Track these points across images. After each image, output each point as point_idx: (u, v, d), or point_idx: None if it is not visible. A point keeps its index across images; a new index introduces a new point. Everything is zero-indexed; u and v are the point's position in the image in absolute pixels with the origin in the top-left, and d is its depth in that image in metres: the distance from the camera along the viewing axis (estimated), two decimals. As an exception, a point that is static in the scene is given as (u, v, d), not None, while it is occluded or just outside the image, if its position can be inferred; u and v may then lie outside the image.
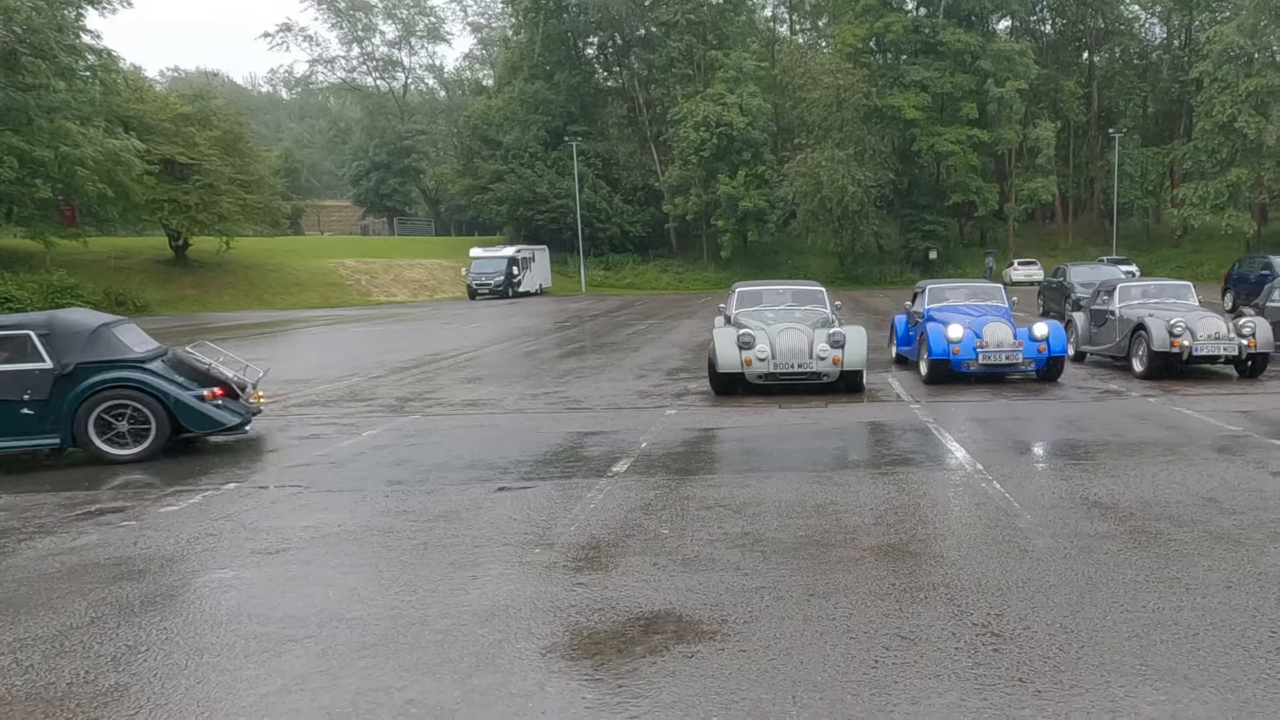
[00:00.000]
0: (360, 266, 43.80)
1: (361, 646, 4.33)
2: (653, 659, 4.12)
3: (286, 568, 5.49)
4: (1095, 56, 60.33)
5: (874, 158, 49.43)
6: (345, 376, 14.71)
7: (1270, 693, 3.68)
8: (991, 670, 3.94)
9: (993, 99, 48.78)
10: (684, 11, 52.63)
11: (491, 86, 67.04)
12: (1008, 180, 53.68)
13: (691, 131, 49.11)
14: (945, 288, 14.65)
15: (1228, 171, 45.35)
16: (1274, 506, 6.29)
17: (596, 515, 6.44)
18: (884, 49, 54.50)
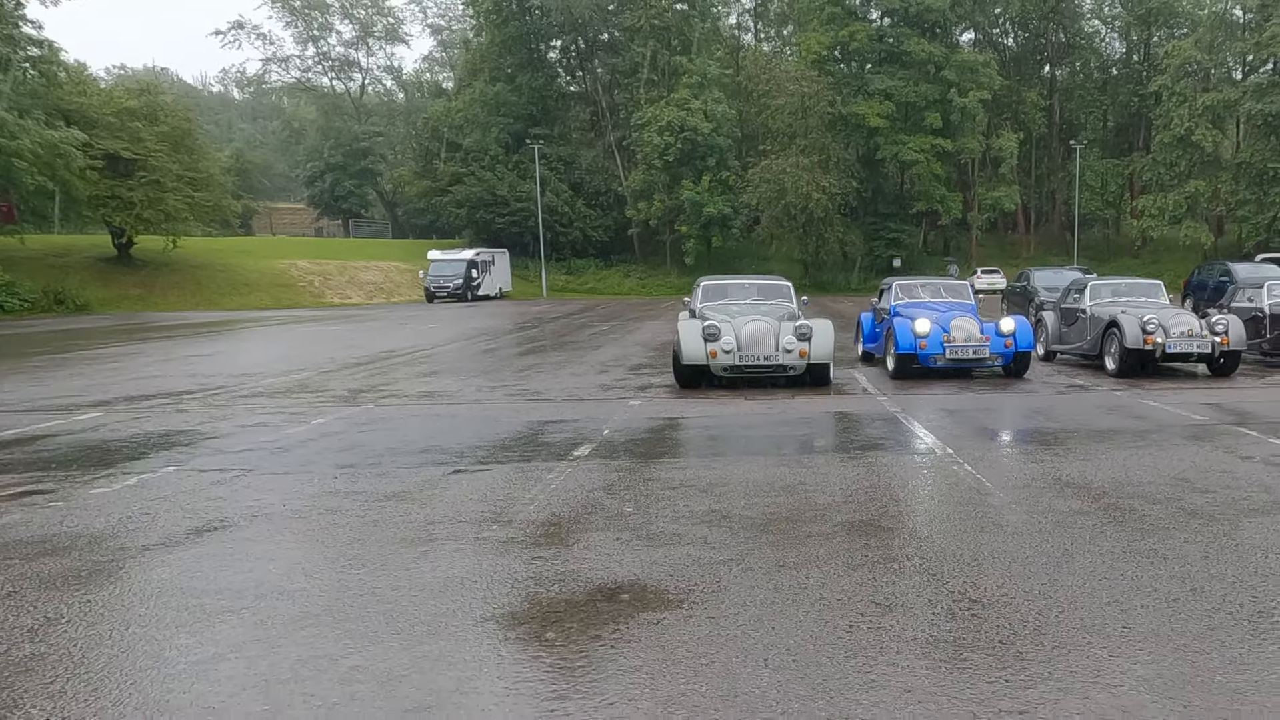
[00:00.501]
0: (314, 268, 43.08)
1: (303, 616, 4.09)
2: (615, 626, 3.95)
3: (225, 545, 5.22)
4: (1057, 70, 61.73)
5: (838, 165, 49.95)
6: (295, 371, 14.33)
7: (1255, 650, 3.62)
8: (972, 633, 3.83)
9: (956, 109, 49.59)
10: (648, 17, 52.84)
11: (452, 89, 66.68)
12: (971, 189, 54.57)
13: (655, 136, 49.23)
14: (912, 284, 14.72)
15: (1186, 184, 46.57)
16: (1246, 486, 6.31)
17: (557, 495, 6.25)
18: (849, 57, 55.20)
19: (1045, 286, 22.66)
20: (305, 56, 69.13)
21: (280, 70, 70.64)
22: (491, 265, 44.59)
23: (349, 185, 66.62)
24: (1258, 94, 45.22)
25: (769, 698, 3.27)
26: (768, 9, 68.32)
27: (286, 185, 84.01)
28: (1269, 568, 4.61)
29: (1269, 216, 44.29)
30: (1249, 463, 7.05)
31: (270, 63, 70.24)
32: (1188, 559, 4.76)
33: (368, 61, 72.96)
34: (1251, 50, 47.14)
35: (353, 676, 3.48)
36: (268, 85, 75.97)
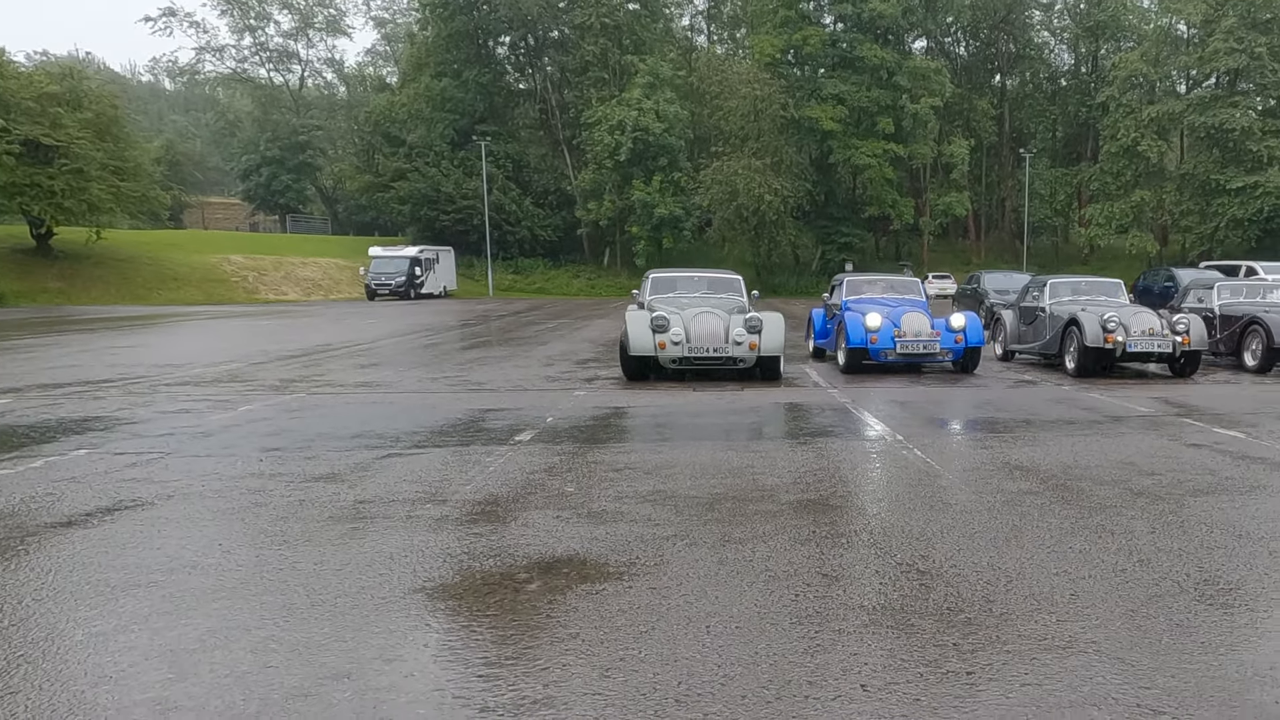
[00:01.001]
0: (248, 263, 42.07)
1: (216, 590, 3.91)
2: (552, 597, 3.84)
3: (136, 523, 4.98)
4: (1007, 79, 63.25)
5: (791, 168, 50.45)
6: (224, 363, 13.91)
7: (1200, 615, 3.65)
8: (920, 601, 3.80)
9: (908, 115, 50.46)
10: (599, 15, 52.80)
11: (395, 83, 65.82)
12: (923, 195, 55.56)
13: (606, 135, 49.17)
14: (863, 280, 14.85)
15: (1132, 194, 48.01)
16: (1190, 469, 6.44)
17: (496, 477, 6.11)
18: (802, 61, 55.84)
19: (995, 289, 23.11)
20: (241, 47, 67.56)
21: (214, 60, 68.91)
22: (436, 263, 44.04)
23: (286, 180, 65.24)
24: (1201, 107, 46.84)
25: (710, 662, 3.20)
26: (720, 11, 68.82)
27: (220, 179, 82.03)
28: (1213, 541, 4.68)
29: (1211, 227, 45.85)
30: (1194, 449, 7.20)
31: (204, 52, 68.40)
32: (1135, 534, 4.81)
33: (307, 53, 71.57)
34: (1195, 65, 48.83)
35: (266, 646, 3.32)
36: (201, 76, 73.98)
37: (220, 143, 79.10)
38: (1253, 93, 46.33)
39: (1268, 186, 42.95)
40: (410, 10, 68.46)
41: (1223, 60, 45.23)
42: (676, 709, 2.86)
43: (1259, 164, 44.13)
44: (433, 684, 3.04)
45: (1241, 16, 45.13)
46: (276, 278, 41.82)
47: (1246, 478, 6.15)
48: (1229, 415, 8.92)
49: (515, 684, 3.03)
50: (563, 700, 2.92)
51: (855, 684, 3.04)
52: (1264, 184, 43.11)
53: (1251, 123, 44.30)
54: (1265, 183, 43.06)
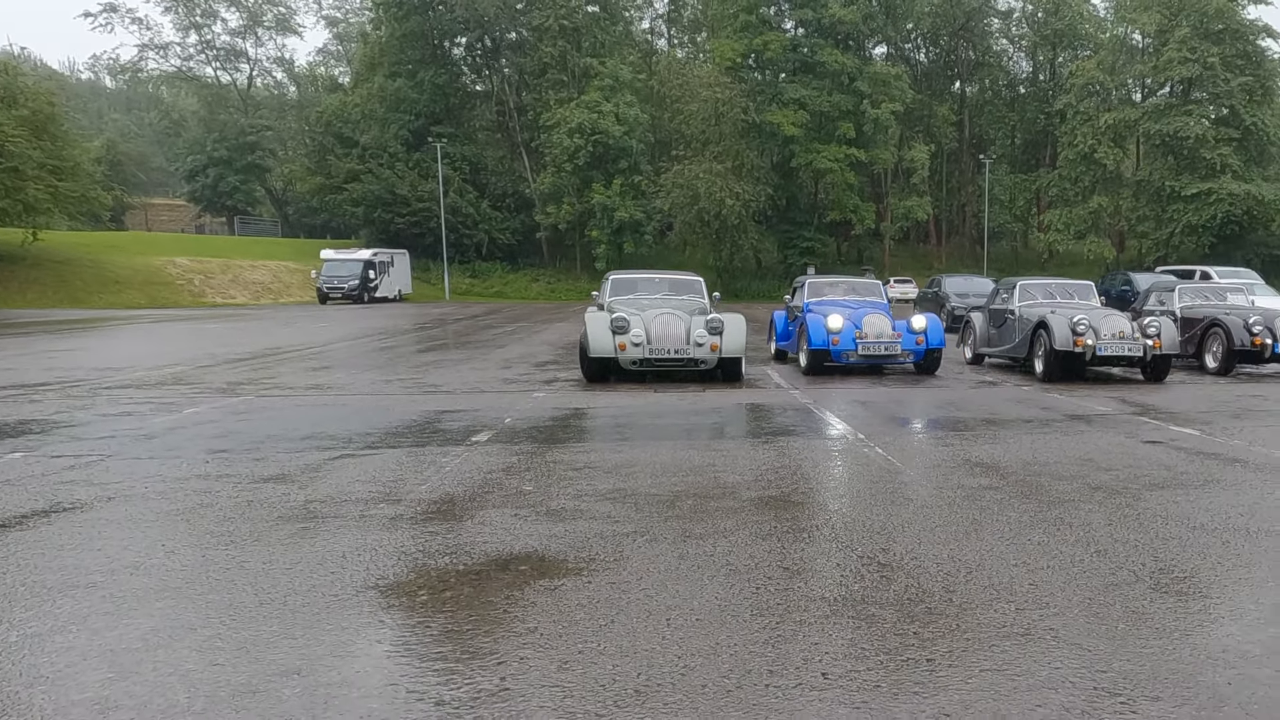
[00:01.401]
0: (194, 266, 41.28)
1: (160, 590, 3.83)
2: (510, 593, 3.83)
3: (75, 525, 4.86)
4: (967, 86, 64.37)
5: (752, 172, 50.81)
6: (169, 366, 13.64)
7: (1156, 602, 3.74)
8: (881, 592, 3.85)
9: (869, 120, 51.10)
10: (557, 17, 52.75)
11: (348, 83, 65.10)
12: (884, 200, 56.29)
13: (565, 138, 49.12)
14: (824, 282, 15.00)
15: (1089, 200, 49.09)
16: (1147, 465, 6.59)
17: (452, 476, 6.07)
18: (763, 66, 56.31)
19: (956, 293, 23.52)
20: (186, 44, 66.27)
21: (158, 58, 67.54)
22: (390, 266, 43.61)
23: (234, 181, 64.13)
24: (1156, 115, 48.09)
25: (670, 653, 3.20)
26: (681, 15, 69.12)
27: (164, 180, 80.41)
28: (1169, 533, 4.79)
29: (1167, 232, 47.04)
30: (1151, 446, 7.37)
31: (147, 50, 67.01)
32: (1093, 526, 4.92)
33: (256, 52, 70.47)
34: (1150, 73, 50.12)
35: (212, 645, 3.26)
36: (144, 74, 72.48)
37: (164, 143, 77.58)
38: (1205, 101, 47.67)
39: (1220, 193, 44.20)
40: (363, 9, 67.84)
41: (1176, 69, 46.49)
42: (636, 700, 2.86)
43: (1212, 171, 45.40)
44: (386, 679, 3.01)
45: (1194, 27, 46.45)
46: (224, 281, 41.11)
47: (1201, 472, 6.32)
48: (1185, 414, 9.15)
49: (472, 677, 3.01)
50: (520, 692, 2.91)
51: (816, 672, 3.06)
52: (1217, 191, 44.36)
53: (1205, 131, 45.58)
54: (1218, 189, 44.31)
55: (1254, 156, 46.86)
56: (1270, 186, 45.20)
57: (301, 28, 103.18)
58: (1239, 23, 47.08)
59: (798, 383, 11.85)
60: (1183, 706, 2.84)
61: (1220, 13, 46.32)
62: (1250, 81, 45.94)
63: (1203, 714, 2.79)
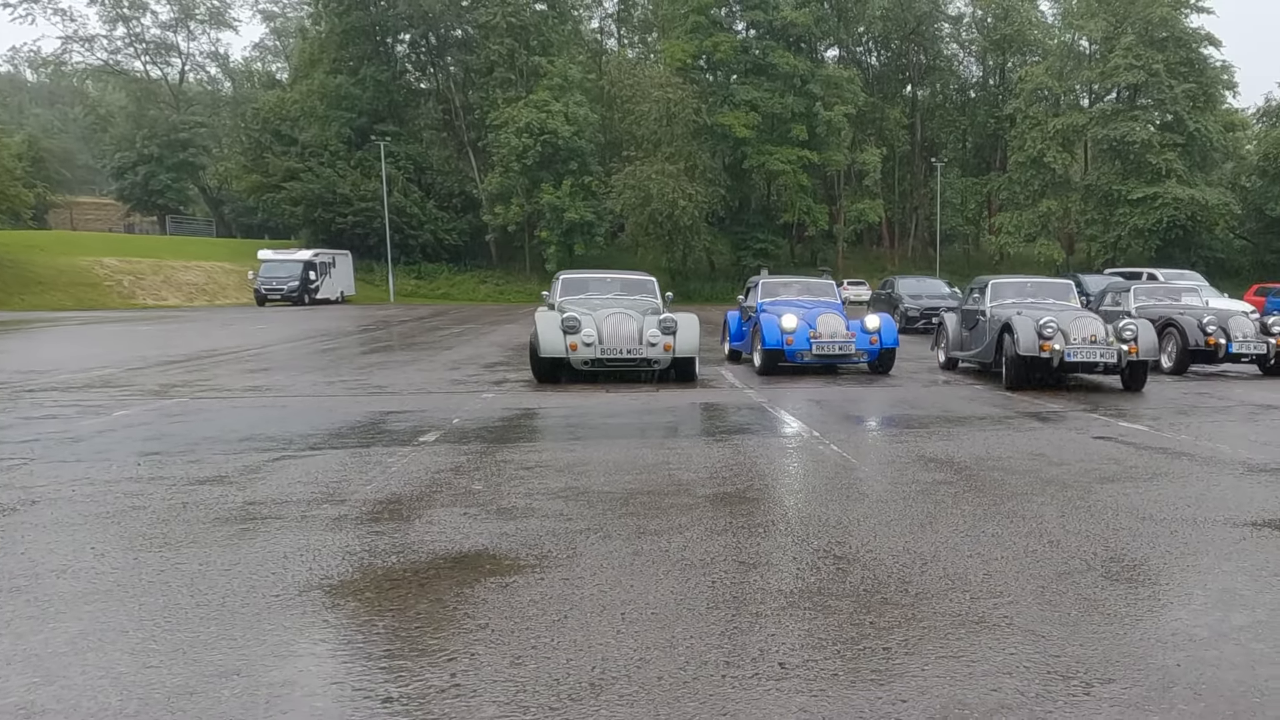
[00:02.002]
0: (123, 266, 40.19)
1: (89, 593, 3.73)
2: (460, 590, 3.80)
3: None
4: (918, 90, 65.53)
5: (705, 173, 51.10)
6: (97, 368, 13.26)
7: (1107, 589, 3.84)
8: (837, 584, 3.89)
9: (821, 122, 51.74)
10: (504, 14, 52.52)
11: (286, 79, 64.05)
12: (837, 202, 57.02)
13: (513, 138, 48.89)
14: (778, 282, 15.14)
15: (1039, 203, 50.29)
16: (1098, 460, 6.77)
17: (398, 477, 6.00)
18: (714, 67, 56.70)
19: (909, 294, 23.91)
20: (113, 37, 64.59)
21: (83, 51, 65.72)
22: (332, 267, 42.95)
23: (166, 179, 62.68)
24: (1103, 120, 49.45)
25: (625, 647, 3.20)
26: (631, 15, 69.29)
27: (91, 178, 78.29)
28: (1119, 524, 4.93)
29: (1115, 235, 48.39)
30: (1100, 440, 7.57)
31: (71, 42, 65.24)
32: (1044, 518, 5.03)
33: (189, 46, 68.99)
34: (1097, 79, 51.53)
35: (146, 647, 3.18)
36: (68, 67, 70.56)
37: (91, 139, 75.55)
38: (1151, 107, 49.12)
39: (1165, 198, 45.58)
40: (302, 4, 66.80)
41: (1123, 76, 47.86)
42: (591, 693, 2.85)
43: (1158, 176, 46.80)
44: (330, 678, 2.97)
45: (1139, 35, 47.88)
46: (155, 282, 40.11)
47: (1149, 466, 6.50)
48: (1133, 411, 9.41)
49: (421, 674, 2.98)
50: (472, 688, 2.88)
51: (773, 662, 3.09)
52: (1162, 195, 45.74)
53: (1150, 136, 46.97)
54: (1164, 194, 45.69)
55: (1197, 162, 48.42)
56: (1213, 191, 46.73)
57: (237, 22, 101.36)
58: (1182, 31, 48.64)
59: (752, 382, 11.94)
60: (1134, 688, 2.91)
61: (1164, 21, 47.81)
62: (1193, 88, 47.46)
63: (1153, 694, 2.87)
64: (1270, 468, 6.43)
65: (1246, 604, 3.70)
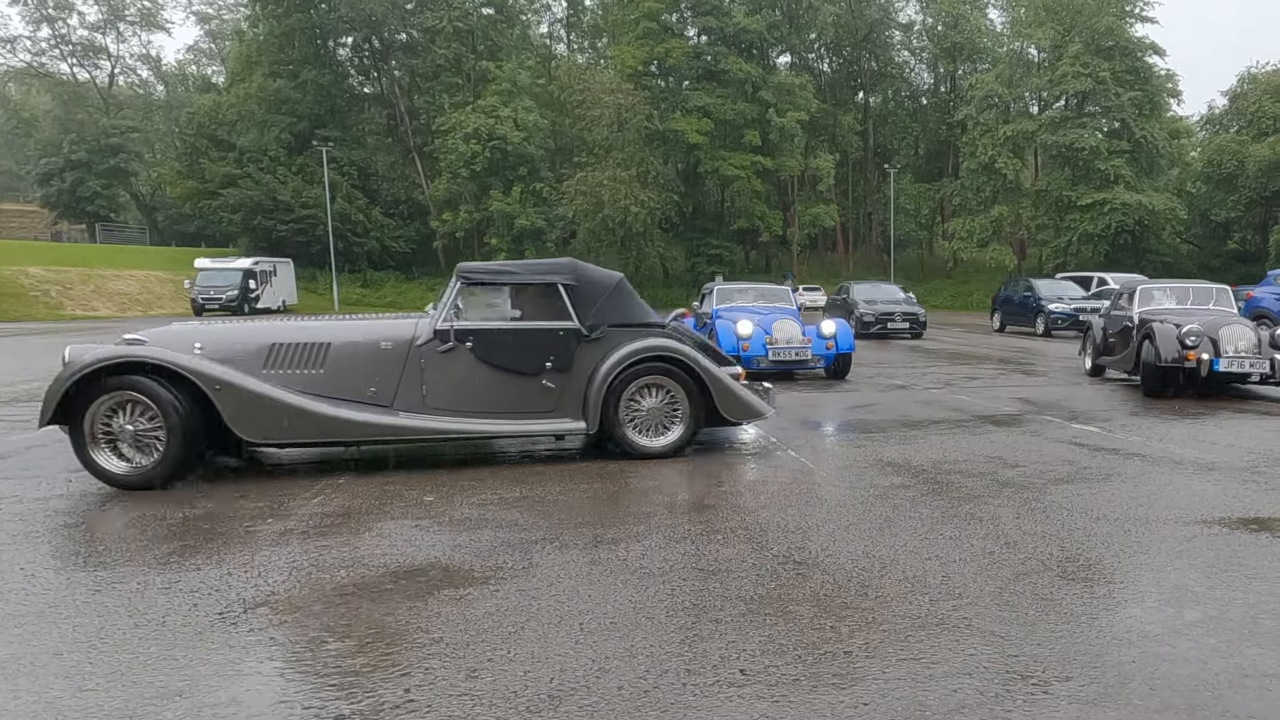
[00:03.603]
0: (49, 275, 39.19)
1: (18, 615, 3.63)
2: (412, 604, 3.76)
3: (-84, 550, 4.55)
4: (870, 96, 66.64)
5: (658, 180, 51.39)
6: (23, 381, 12.89)
7: (1063, 589, 3.93)
8: (797, 590, 3.93)
9: (775, 128, 52.37)
10: (450, 18, 52.39)
11: (223, 83, 63.10)
12: (791, 208, 57.67)
13: (461, 144, 48.73)
14: (733, 288, 15.24)
15: (991, 209, 51.30)
16: (1052, 461, 6.92)
17: (346, 489, 5.93)
18: (666, 73, 57.12)
19: (864, 299, 24.22)
20: (38, 39, 63.21)
21: (4, 53, 64.25)
22: (273, 276, 42.34)
23: (95, 185, 61.27)
24: (1052, 127, 50.68)
25: (584, 658, 3.20)
26: (580, 20, 69.51)
27: (14, 184, 76.23)
28: (1073, 524, 5.04)
29: (1065, 240, 49.55)
30: (1054, 443, 7.74)
31: (-9, 43, 63.74)
32: (1001, 520, 5.13)
33: (118, 48, 67.72)
34: (1046, 87, 52.78)
35: (81, 670, 3.10)
36: (-12, 70, 68.91)
37: (13, 144, 73.63)
38: (1098, 115, 50.44)
39: (1114, 203, 46.81)
40: (238, 6, 65.94)
41: (1071, 83, 49.11)
42: (550, 704, 2.85)
43: (1106, 182, 48.05)
44: (278, 696, 2.92)
45: (1086, 43, 49.17)
46: (85, 292, 39.16)
47: (1102, 467, 6.66)
48: (1086, 413, 9.64)
49: (374, 690, 2.95)
50: (427, 703, 2.86)
51: (734, 669, 3.11)
52: (1111, 201, 46.96)
53: (1098, 143, 48.23)
54: (1112, 200, 46.91)
55: (1145, 168, 49.80)
56: (1160, 197, 48.10)
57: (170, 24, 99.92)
58: (1128, 40, 50.06)
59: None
60: (1091, 685, 2.99)
61: (1110, 30, 49.16)
62: (1139, 96, 48.85)
63: (1110, 691, 2.95)
64: (1219, 466, 6.63)
65: (1198, 600, 3.82)
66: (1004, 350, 20.18)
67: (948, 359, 17.40)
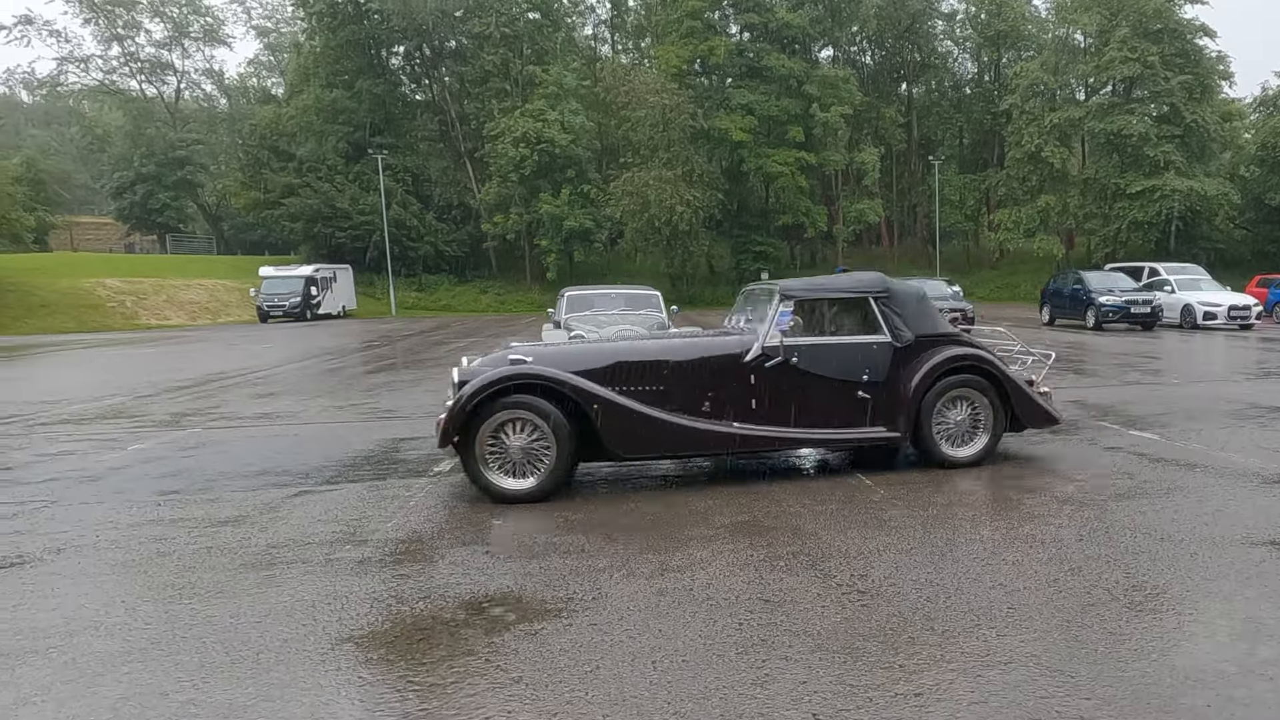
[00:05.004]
0: (125, 287, 40.34)
1: (125, 653, 3.77)
2: (490, 639, 3.83)
3: (25, 582, 4.74)
4: (913, 88, 65.65)
5: (703, 178, 51.18)
6: (106, 396, 13.32)
7: (1132, 624, 3.87)
8: (863, 623, 3.93)
9: (818, 123, 51.84)
10: (498, 25, 52.68)
11: (282, 94, 64.26)
12: (835, 203, 57.09)
13: (510, 148, 49.02)
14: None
15: (1037, 198, 50.28)
16: (1112, 474, 6.80)
17: (417, 511, 6.04)
18: (709, 71, 56.83)
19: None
20: (109, 57, 64.95)
21: (79, 72, 66.10)
22: (333, 282, 43.09)
23: (164, 197, 62.87)
24: (1099, 114, 49.45)
25: (659, 699, 3.24)
26: (624, 20, 69.43)
27: (90, 198, 78.55)
28: (1137, 546, 4.95)
29: (1114, 229, 48.38)
30: (1112, 452, 7.59)
31: (66, 63, 65.60)
32: (1064, 542, 5.06)
33: (183, 64, 69.31)
34: (1093, 73, 51.53)
35: (187, 711, 3.22)
36: (64, 88, 70.91)
37: (88, 159, 75.84)
38: (1147, 100, 49.09)
39: (1164, 190, 45.55)
40: (295, 19, 67.03)
41: (1118, 69, 47.87)
42: (629, 750, 2.89)
43: (1156, 168, 46.76)
44: (372, 740, 3.00)
45: (1134, 27, 47.88)
46: (158, 301, 40.22)
47: (1163, 480, 6.52)
48: (1143, 418, 9.43)
49: (460, 735, 3.02)
50: (511, 749, 2.92)
51: (807, 713, 3.12)
52: (1161, 187, 45.70)
53: (1147, 129, 46.93)
54: (1162, 186, 45.65)
55: (1195, 153, 48.35)
56: (1212, 182, 46.68)
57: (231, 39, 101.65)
58: (1177, 22, 48.63)
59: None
60: (1166, 731, 2.95)
61: (1158, 13, 47.81)
62: (1189, 80, 47.44)
63: (1186, 738, 2.91)
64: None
65: (1272, 635, 3.74)
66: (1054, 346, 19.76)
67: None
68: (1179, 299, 24.38)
